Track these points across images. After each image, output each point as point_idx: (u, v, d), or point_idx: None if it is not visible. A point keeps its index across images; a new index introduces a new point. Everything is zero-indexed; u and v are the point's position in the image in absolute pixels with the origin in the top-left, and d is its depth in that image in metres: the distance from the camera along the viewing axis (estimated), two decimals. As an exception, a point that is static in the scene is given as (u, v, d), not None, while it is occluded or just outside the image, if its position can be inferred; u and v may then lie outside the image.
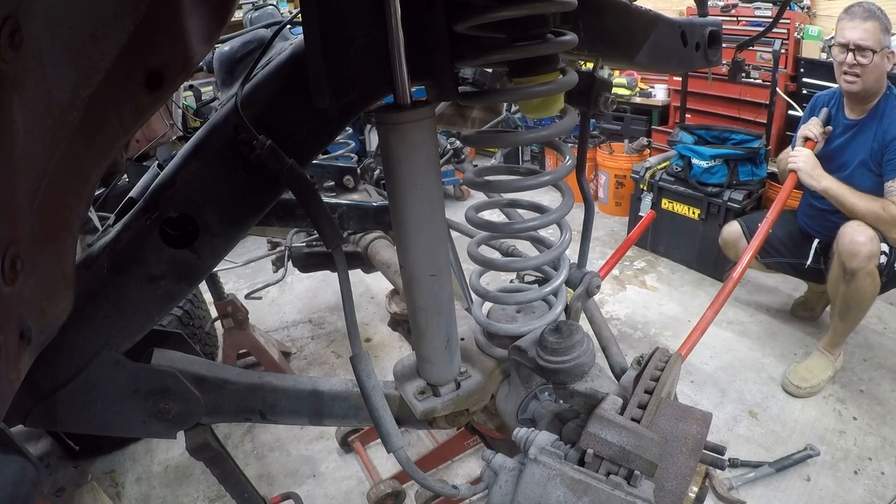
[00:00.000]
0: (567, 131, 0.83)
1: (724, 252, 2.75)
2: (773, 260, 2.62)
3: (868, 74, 2.09)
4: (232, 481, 1.01)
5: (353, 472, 2.12)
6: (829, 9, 3.65)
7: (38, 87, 0.45)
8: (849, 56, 2.09)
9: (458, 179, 4.29)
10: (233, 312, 2.35)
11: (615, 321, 2.97)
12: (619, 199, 4.18)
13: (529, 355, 0.81)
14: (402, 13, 0.62)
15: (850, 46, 2.08)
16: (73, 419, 0.80)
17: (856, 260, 2.09)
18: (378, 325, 3.00)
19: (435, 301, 0.82)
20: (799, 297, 2.97)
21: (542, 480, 0.67)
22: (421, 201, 0.74)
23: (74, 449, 1.02)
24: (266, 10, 1.74)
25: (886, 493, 1.90)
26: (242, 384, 0.95)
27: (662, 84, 4.34)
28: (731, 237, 2.64)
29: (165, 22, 0.55)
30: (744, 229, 2.58)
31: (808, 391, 2.33)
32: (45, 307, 0.59)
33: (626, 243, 1.92)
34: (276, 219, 1.68)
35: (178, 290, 0.77)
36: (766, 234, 2.04)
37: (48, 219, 0.54)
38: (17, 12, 0.40)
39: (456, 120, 1.59)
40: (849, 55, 2.09)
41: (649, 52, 0.93)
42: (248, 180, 0.73)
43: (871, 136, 2.19)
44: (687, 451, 0.69)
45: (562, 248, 0.94)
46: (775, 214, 2.07)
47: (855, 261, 2.09)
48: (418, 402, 0.90)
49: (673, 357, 0.81)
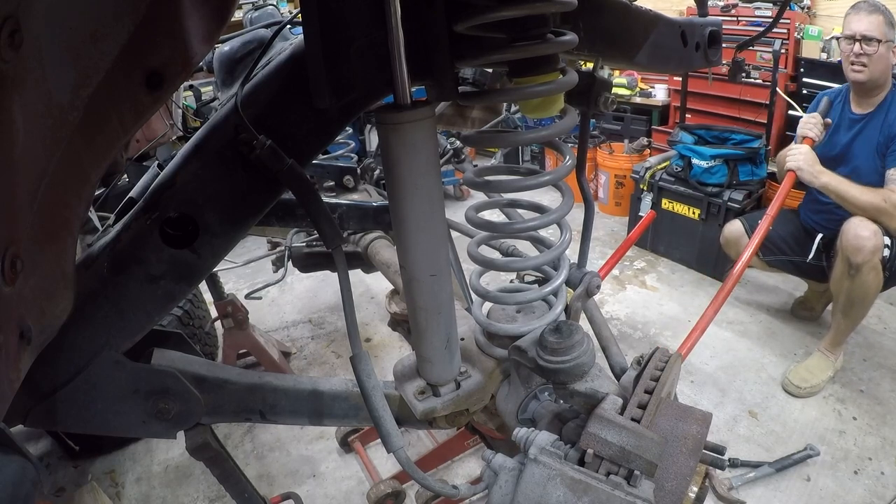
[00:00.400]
0: (567, 131, 0.83)
1: (726, 251, 2.76)
2: (775, 258, 2.62)
3: (874, 64, 2.14)
4: (232, 481, 1.01)
5: (353, 472, 2.12)
6: (829, 9, 3.65)
7: (38, 87, 0.45)
8: (855, 46, 2.15)
9: (458, 179, 4.29)
10: (233, 312, 2.35)
11: (615, 321, 2.97)
12: (619, 199, 4.18)
13: (529, 355, 0.81)
14: (402, 13, 0.62)
15: (857, 37, 2.14)
16: (73, 419, 0.80)
17: (860, 254, 2.10)
18: (378, 325, 3.00)
19: (435, 301, 0.82)
20: (799, 296, 2.97)
21: (542, 480, 0.67)
22: (421, 201, 0.74)
23: (74, 449, 1.02)
24: (266, 10, 1.74)
25: (886, 493, 1.90)
26: (242, 384, 0.94)
27: (662, 84, 4.34)
28: (732, 236, 2.65)
29: (165, 22, 0.55)
30: (745, 228, 2.58)
31: (808, 391, 2.33)
32: (45, 307, 0.59)
33: (626, 243, 1.92)
34: (276, 219, 1.67)
35: (178, 290, 0.77)
36: (766, 231, 2.05)
37: (48, 219, 0.54)
38: (17, 12, 0.40)
39: (456, 120, 1.59)
40: (855, 45, 2.15)
41: (649, 52, 0.93)
42: (248, 180, 0.73)
43: (877, 130, 2.21)
44: (687, 451, 0.69)
45: (562, 248, 0.93)
46: (775, 211, 2.08)
47: (860, 255, 2.10)
48: (418, 402, 0.90)
49: (673, 357, 0.81)
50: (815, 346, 2.51)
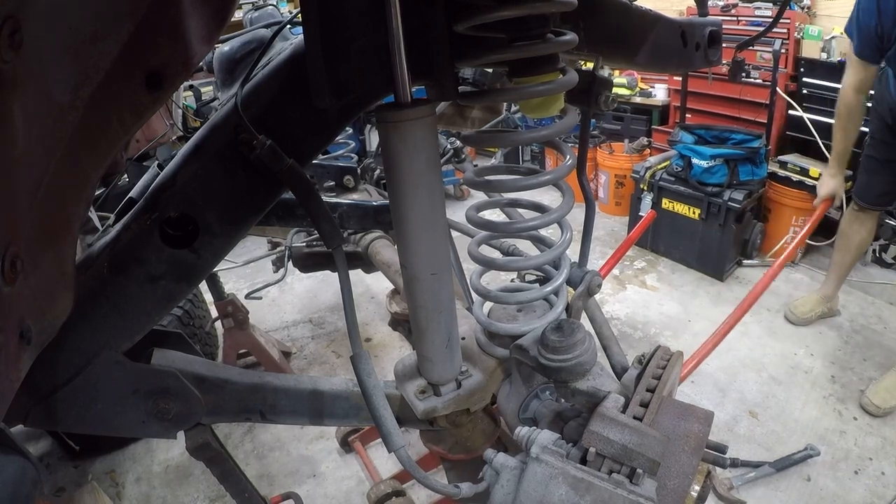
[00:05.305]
0: (567, 131, 0.83)
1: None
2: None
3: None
4: (232, 481, 1.01)
5: (354, 472, 2.12)
6: (829, 9, 3.65)
7: (38, 87, 0.45)
8: None
9: (458, 179, 4.29)
10: (233, 312, 2.35)
11: (615, 321, 2.97)
12: (619, 198, 4.18)
13: (531, 354, 0.81)
14: (402, 13, 0.62)
15: None
16: (73, 419, 0.80)
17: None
18: (378, 325, 3.00)
19: (436, 300, 0.82)
20: (799, 296, 2.97)
21: (544, 479, 0.67)
22: (421, 199, 0.74)
23: (74, 449, 1.03)
24: (266, 10, 1.74)
25: (886, 493, 1.90)
26: (243, 384, 0.94)
27: (662, 84, 4.34)
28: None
29: (165, 22, 0.55)
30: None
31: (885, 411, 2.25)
32: (45, 307, 0.59)
33: (626, 243, 1.93)
34: (276, 219, 1.67)
35: (178, 290, 0.77)
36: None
37: (48, 219, 0.54)
38: (17, 12, 0.40)
39: (456, 120, 1.59)
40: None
41: (649, 52, 0.93)
42: (248, 180, 0.73)
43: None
44: (689, 450, 0.69)
45: (562, 248, 0.93)
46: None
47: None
48: (419, 402, 0.90)
49: (675, 356, 0.81)
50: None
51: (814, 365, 2.55)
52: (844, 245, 2.70)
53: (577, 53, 0.90)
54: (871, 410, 2.26)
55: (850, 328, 2.79)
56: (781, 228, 3.37)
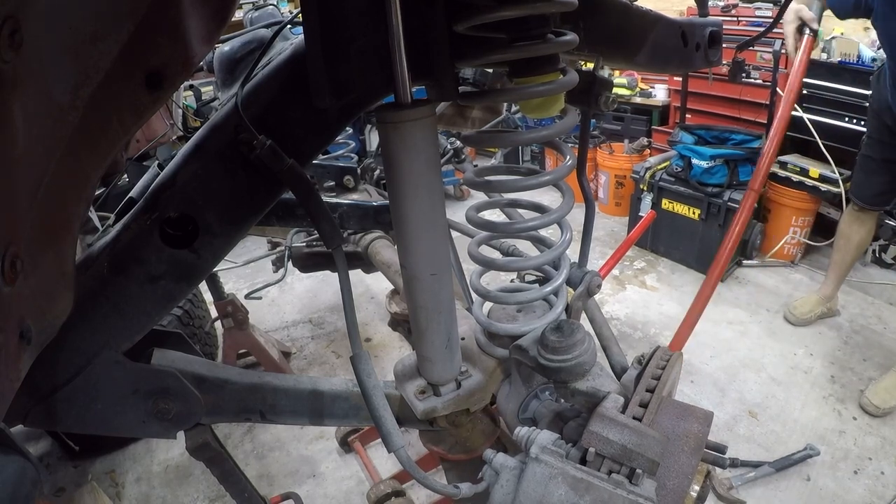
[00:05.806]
0: (567, 131, 0.83)
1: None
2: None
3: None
4: (232, 481, 1.01)
5: (353, 472, 2.12)
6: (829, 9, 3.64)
7: (38, 87, 0.45)
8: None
9: (458, 179, 4.29)
10: (233, 312, 2.35)
11: (615, 321, 2.97)
12: (619, 199, 4.18)
13: (531, 354, 0.81)
14: (402, 13, 0.62)
15: None
16: (73, 419, 0.80)
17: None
18: (378, 325, 3.00)
19: (435, 300, 0.82)
20: (799, 297, 2.97)
21: (543, 479, 0.67)
22: (421, 199, 0.74)
23: (74, 449, 1.02)
24: (266, 10, 1.74)
25: (886, 492, 1.90)
26: (242, 384, 0.94)
27: (662, 84, 4.34)
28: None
29: (165, 22, 0.55)
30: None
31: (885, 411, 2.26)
32: (45, 307, 0.59)
33: (626, 243, 1.92)
34: (276, 219, 1.67)
35: (178, 290, 0.77)
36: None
37: (48, 219, 0.53)
38: (17, 12, 0.40)
39: (456, 120, 1.59)
40: None
41: (650, 53, 0.93)
42: (248, 180, 0.73)
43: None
44: (688, 450, 0.69)
45: (562, 248, 0.93)
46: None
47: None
48: (419, 402, 0.90)
49: (674, 356, 0.81)
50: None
51: (813, 365, 2.55)
52: (844, 245, 2.70)
53: (577, 54, 0.90)
54: (871, 410, 2.26)
55: (850, 328, 2.79)
56: (781, 228, 3.38)
